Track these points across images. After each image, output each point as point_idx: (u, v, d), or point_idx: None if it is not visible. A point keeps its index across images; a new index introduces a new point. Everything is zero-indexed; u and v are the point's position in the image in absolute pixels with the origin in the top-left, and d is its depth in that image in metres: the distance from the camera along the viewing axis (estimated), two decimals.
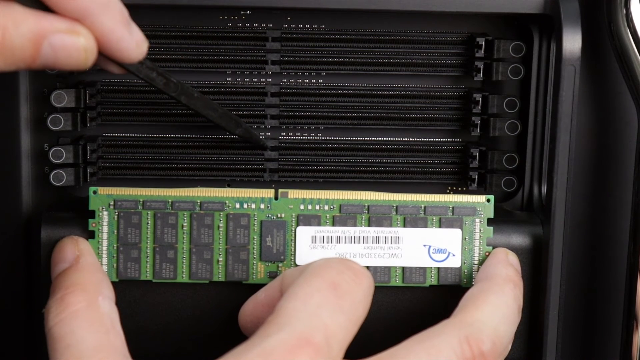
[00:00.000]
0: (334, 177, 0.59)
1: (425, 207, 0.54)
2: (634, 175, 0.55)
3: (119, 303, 0.51)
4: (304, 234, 0.54)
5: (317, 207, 0.54)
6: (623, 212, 0.57)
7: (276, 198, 0.54)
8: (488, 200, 0.55)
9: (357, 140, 0.59)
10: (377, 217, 0.54)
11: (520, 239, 0.55)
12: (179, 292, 0.54)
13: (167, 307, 0.55)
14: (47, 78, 0.56)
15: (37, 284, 0.55)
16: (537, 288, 0.55)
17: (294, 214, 0.54)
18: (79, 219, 0.54)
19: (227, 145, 0.58)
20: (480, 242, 0.55)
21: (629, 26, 0.53)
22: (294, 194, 0.54)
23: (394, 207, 0.54)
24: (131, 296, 0.54)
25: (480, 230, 0.55)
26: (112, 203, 0.53)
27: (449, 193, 0.59)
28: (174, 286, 0.54)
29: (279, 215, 0.54)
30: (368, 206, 0.54)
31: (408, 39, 0.58)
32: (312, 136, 0.59)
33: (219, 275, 0.54)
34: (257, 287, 0.52)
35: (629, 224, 0.56)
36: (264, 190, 0.54)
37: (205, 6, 0.55)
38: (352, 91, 0.58)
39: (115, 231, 0.53)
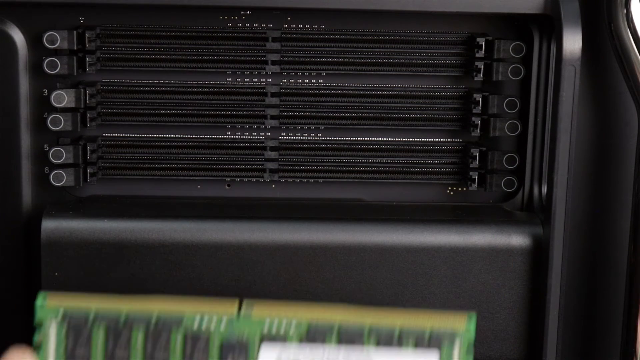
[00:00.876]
0: (334, 177, 0.59)
1: (400, 331, 0.47)
2: (634, 175, 0.55)
3: None
4: (268, 355, 0.47)
5: (283, 328, 0.47)
6: (623, 212, 0.57)
7: (239, 313, 0.47)
8: (469, 319, 0.47)
9: (357, 140, 0.59)
10: (348, 337, 0.47)
11: (520, 239, 0.55)
12: None
13: None
14: (48, 78, 0.56)
15: (37, 284, 0.55)
16: (537, 288, 0.55)
17: (257, 333, 0.47)
18: (79, 219, 0.54)
19: (227, 145, 0.58)
20: None
21: (629, 26, 0.53)
22: (258, 311, 0.47)
23: (367, 330, 0.47)
24: None
25: (459, 357, 0.47)
26: (61, 315, 0.47)
27: (450, 193, 0.60)
28: None
29: (241, 335, 0.47)
30: (338, 328, 0.47)
31: (408, 39, 0.58)
32: (312, 136, 0.59)
33: None
34: None
35: (629, 224, 0.56)
36: (225, 303, 0.47)
37: (205, 6, 0.55)
38: (352, 91, 0.58)
39: (63, 347, 0.47)
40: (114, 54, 0.57)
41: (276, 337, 0.47)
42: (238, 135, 0.59)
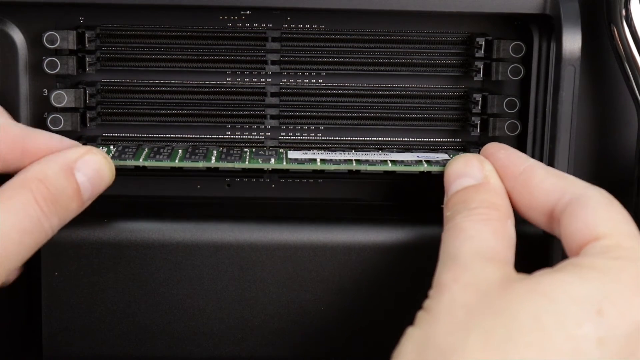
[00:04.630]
0: (335, 178, 0.59)
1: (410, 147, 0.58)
2: (634, 175, 0.55)
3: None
4: (294, 154, 0.56)
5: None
6: None
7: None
8: None
9: (357, 140, 0.59)
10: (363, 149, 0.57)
11: (520, 239, 0.55)
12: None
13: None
14: (48, 78, 0.56)
15: (37, 284, 0.55)
16: None
17: (284, 149, 0.57)
18: (79, 219, 0.54)
19: (227, 145, 0.58)
20: None
21: (629, 26, 0.53)
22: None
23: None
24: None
25: None
26: (112, 146, 0.56)
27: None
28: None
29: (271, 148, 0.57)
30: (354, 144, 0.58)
31: (408, 39, 0.58)
32: (312, 136, 0.59)
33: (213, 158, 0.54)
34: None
35: None
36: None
37: (205, 6, 0.55)
38: (352, 91, 0.58)
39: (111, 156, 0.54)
40: (114, 54, 0.57)
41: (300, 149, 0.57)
42: (238, 135, 0.59)
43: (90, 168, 0.50)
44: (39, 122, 0.56)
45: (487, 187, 0.50)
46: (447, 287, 0.44)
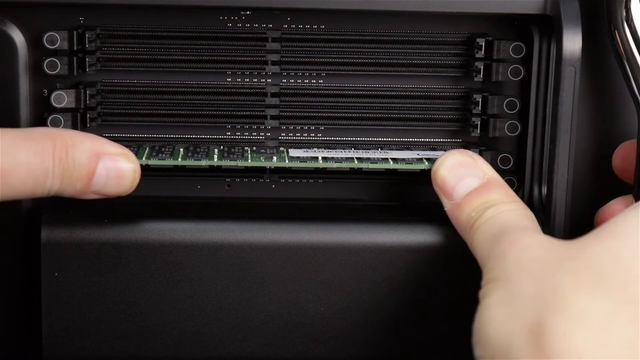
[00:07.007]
0: (334, 177, 0.59)
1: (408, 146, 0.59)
2: (634, 175, 0.55)
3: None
4: (295, 152, 0.57)
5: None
6: None
7: None
8: None
9: (357, 140, 0.59)
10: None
11: None
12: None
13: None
14: (48, 79, 0.56)
15: (37, 284, 0.55)
16: None
17: (285, 148, 0.58)
18: (79, 219, 0.54)
19: (228, 145, 0.58)
20: None
21: (629, 26, 0.53)
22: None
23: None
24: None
25: None
26: None
27: None
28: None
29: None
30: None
31: (408, 40, 0.58)
32: (312, 137, 0.59)
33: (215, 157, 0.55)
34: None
35: None
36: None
37: (205, 6, 0.55)
38: (352, 91, 0.58)
39: None
40: (114, 54, 0.57)
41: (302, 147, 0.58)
42: (238, 136, 0.59)
43: (115, 168, 0.50)
44: (38, 122, 0.56)
45: (494, 183, 0.52)
46: (507, 252, 0.46)
